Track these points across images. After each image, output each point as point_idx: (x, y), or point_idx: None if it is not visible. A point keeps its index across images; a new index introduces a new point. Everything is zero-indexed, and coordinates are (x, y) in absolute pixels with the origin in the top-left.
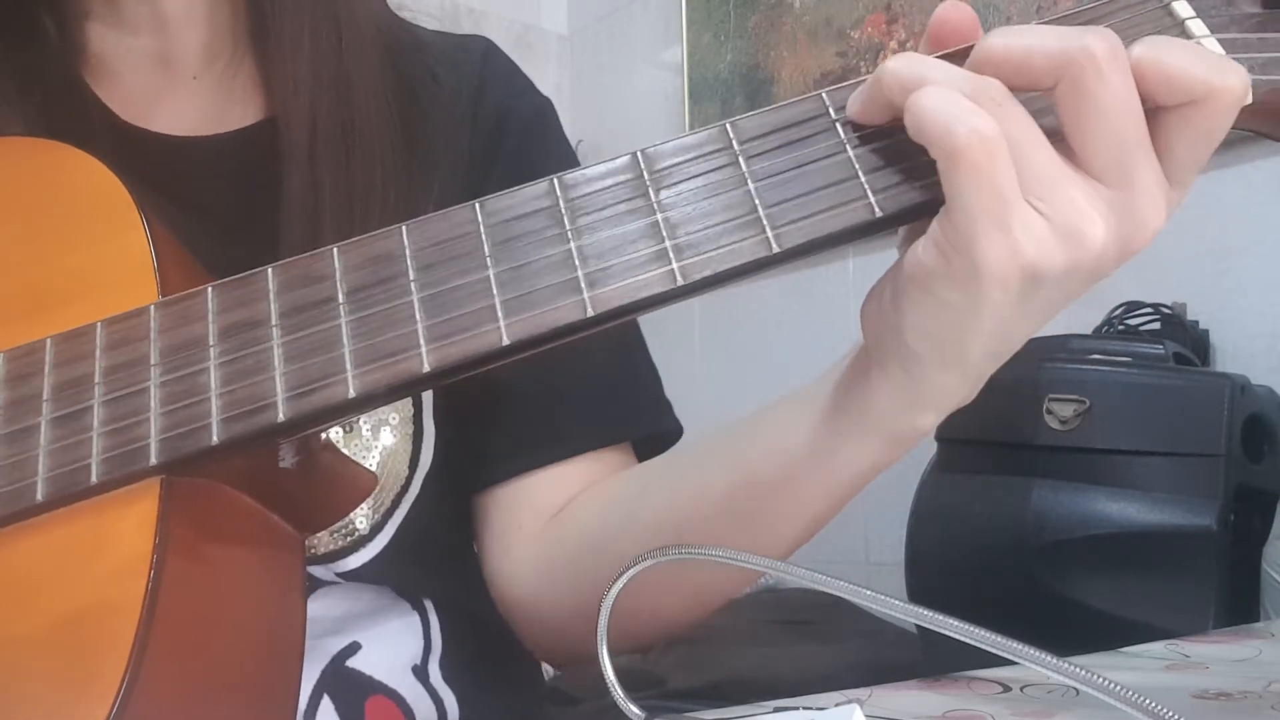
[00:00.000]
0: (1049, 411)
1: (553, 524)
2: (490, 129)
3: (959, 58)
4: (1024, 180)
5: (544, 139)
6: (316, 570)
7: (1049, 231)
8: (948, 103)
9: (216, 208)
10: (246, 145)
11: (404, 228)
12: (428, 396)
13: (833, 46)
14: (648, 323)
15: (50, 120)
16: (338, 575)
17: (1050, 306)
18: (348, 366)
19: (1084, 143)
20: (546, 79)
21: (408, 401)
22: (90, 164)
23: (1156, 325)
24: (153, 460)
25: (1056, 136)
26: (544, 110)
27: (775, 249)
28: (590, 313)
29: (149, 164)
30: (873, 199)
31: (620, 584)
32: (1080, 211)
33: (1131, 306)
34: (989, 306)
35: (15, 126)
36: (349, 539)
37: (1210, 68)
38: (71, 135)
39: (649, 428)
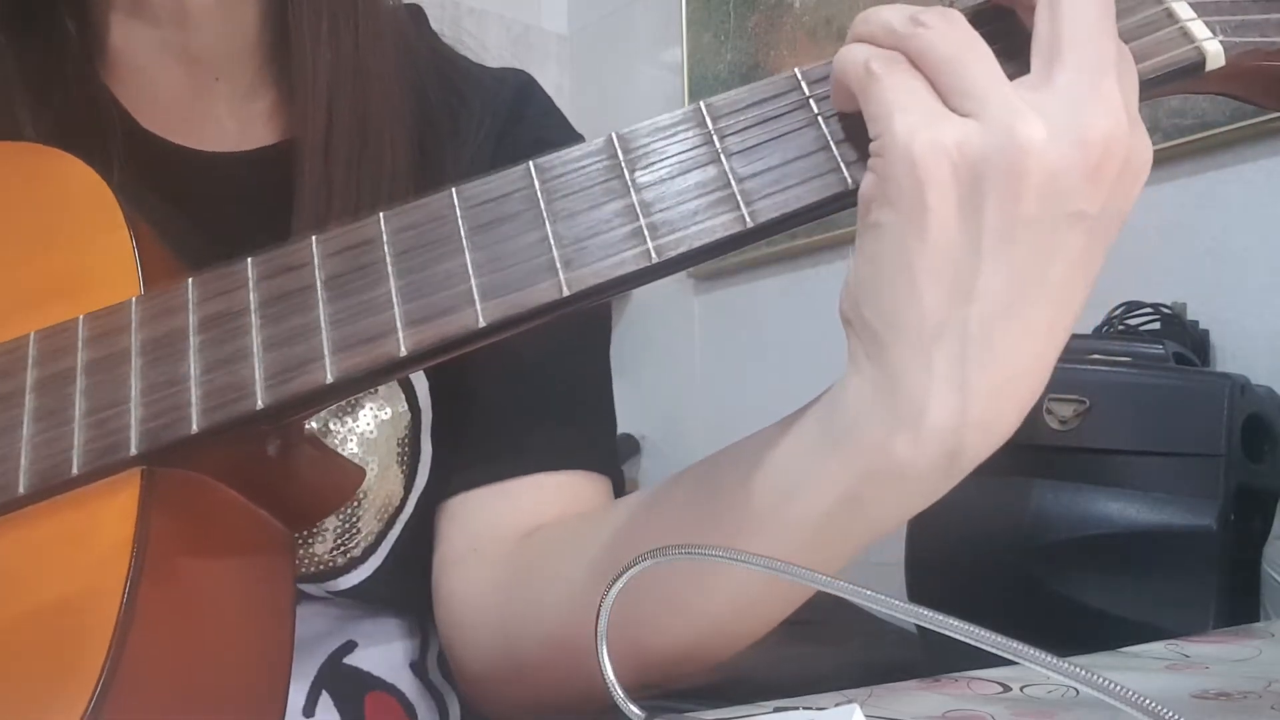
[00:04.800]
0: (1048, 411)
1: (510, 550)
2: (519, 154)
3: None
4: (954, 85)
5: None
6: (308, 588)
7: (977, 129)
8: (847, 49)
9: (230, 224)
10: (268, 165)
11: (381, 215)
12: (426, 416)
13: (833, 46)
14: (646, 322)
15: (68, 126)
16: (329, 593)
17: (1022, 245)
18: (325, 352)
19: (1057, 25)
20: (546, 79)
21: (405, 422)
22: (75, 166)
23: (1156, 325)
24: (133, 450)
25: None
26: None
27: (749, 224)
28: (566, 293)
29: (166, 176)
30: (845, 170)
31: (620, 583)
32: (1014, 110)
33: (1131, 306)
34: (931, 221)
35: (32, 131)
36: (343, 559)
37: None
38: (89, 142)
39: (600, 466)
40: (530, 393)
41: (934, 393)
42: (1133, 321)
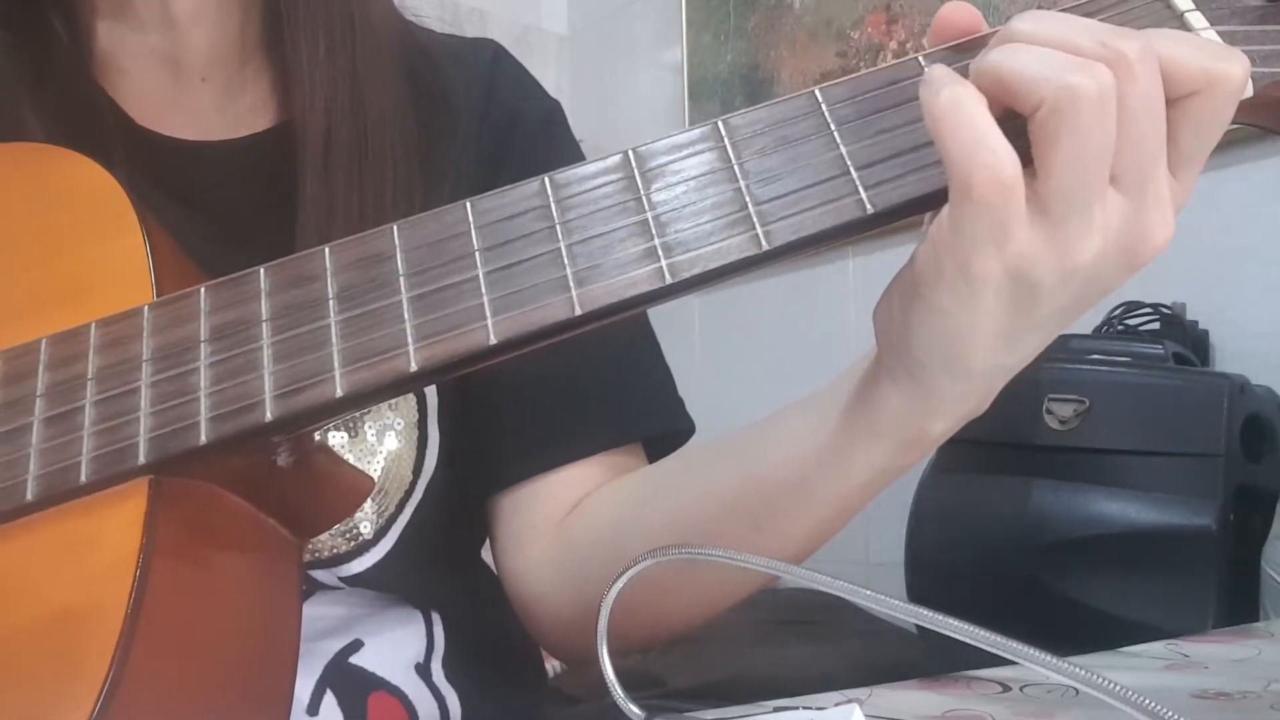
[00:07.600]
0: (1049, 411)
1: (565, 523)
2: (500, 132)
3: (971, 48)
4: (1037, 193)
5: (553, 142)
6: (319, 574)
7: (1042, 250)
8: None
9: (229, 213)
10: (260, 151)
11: (395, 227)
12: (432, 402)
13: (832, 46)
14: None
15: (65, 123)
16: (340, 580)
17: (1058, 318)
18: (335, 366)
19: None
20: (547, 80)
21: (412, 406)
22: (89, 167)
23: (1156, 325)
24: (141, 460)
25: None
26: (553, 113)
27: (765, 246)
28: (578, 311)
29: (163, 168)
30: (864, 195)
31: (620, 584)
32: (1076, 232)
33: (1131, 306)
34: (983, 315)
35: (32, 129)
36: (353, 543)
37: (1208, 56)
38: (86, 138)
39: (660, 427)
40: (575, 376)
41: (972, 400)
42: (1132, 321)
